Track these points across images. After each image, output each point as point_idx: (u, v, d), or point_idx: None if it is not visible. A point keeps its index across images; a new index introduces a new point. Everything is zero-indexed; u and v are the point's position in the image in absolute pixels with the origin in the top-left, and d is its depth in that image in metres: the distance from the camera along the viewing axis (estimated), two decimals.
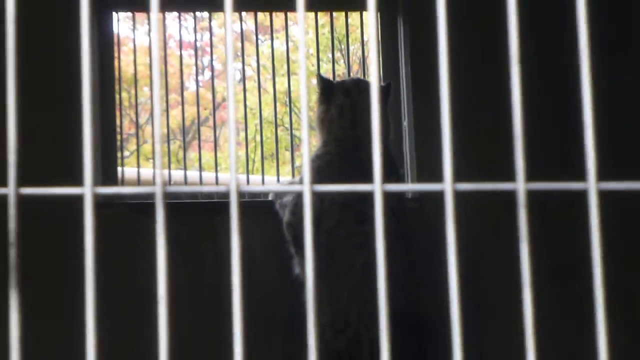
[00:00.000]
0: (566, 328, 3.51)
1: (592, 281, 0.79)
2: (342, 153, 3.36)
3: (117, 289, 3.43)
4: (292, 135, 4.31)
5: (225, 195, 3.65)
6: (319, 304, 3.13)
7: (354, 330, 3.11)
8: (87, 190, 0.77)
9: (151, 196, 0.78)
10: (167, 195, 0.78)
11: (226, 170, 7.16)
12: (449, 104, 0.82)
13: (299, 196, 3.33)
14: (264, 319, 3.49)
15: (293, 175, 4.08)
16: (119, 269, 3.47)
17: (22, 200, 0.76)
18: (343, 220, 3.21)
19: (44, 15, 3.61)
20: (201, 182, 4.88)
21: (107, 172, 3.77)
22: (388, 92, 3.50)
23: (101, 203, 3.59)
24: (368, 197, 3.07)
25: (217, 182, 4.53)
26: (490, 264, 3.60)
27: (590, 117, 0.80)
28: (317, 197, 3.17)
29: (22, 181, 0.77)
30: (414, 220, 3.53)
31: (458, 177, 0.83)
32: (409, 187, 0.84)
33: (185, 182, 4.27)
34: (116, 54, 3.90)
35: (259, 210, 3.55)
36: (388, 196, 0.87)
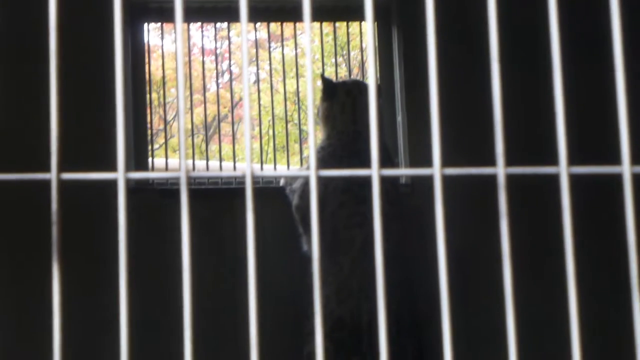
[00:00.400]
0: (543, 299, 3.50)
1: (565, 256, 0.78)
2: (343, 145, 3.36)
3: (147, 265, 3.43)
4: (300, 129, 4.30)
5: (242, 181, 3.61)
6: (324, 275, 3.12)
7: (356, 300, 3.10)
8: (120, 175, 0.76)
9: (177, 181, 0.78)
10: (189, 180, 0.77)
11: (243, 160, 7.15)
12: (437, 101, 0.81)
13: (306, 183, 3.32)
14: (276, 288, 3.49)
15: (301, 164, 4.07)
16: (148, 246, 3.46)
17: (63, 184, 0.75)
18: (344, 203, 3.20)
19: (86, 26, 3.61)
20: (221, 171, 4.86)
21: (139, 162, 3.77)
22: (380, 93, 3.53)
23: (133, 189, 3.59)
24: (366, 181, 3.07)
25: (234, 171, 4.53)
26: (475, 241, 3.59)
27: (561, 106, 0.79)
28: (322, 183, 3.16)
29: (63, 168, 0.76)
30: (407, 203, 3.52)
31: (445, 164, 0.82)
32: (402, 171, 0.83)
33: (207, 171, 4.27)
34: (147, 60, 3.89)
35: (272, 195, 3.54)
36: (383, 180, 0.86)
